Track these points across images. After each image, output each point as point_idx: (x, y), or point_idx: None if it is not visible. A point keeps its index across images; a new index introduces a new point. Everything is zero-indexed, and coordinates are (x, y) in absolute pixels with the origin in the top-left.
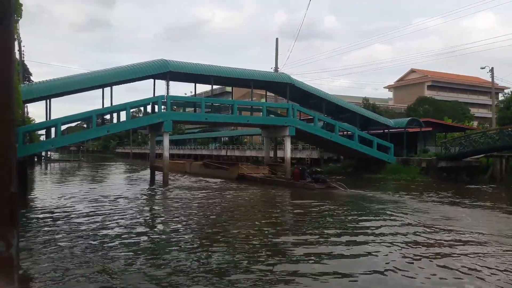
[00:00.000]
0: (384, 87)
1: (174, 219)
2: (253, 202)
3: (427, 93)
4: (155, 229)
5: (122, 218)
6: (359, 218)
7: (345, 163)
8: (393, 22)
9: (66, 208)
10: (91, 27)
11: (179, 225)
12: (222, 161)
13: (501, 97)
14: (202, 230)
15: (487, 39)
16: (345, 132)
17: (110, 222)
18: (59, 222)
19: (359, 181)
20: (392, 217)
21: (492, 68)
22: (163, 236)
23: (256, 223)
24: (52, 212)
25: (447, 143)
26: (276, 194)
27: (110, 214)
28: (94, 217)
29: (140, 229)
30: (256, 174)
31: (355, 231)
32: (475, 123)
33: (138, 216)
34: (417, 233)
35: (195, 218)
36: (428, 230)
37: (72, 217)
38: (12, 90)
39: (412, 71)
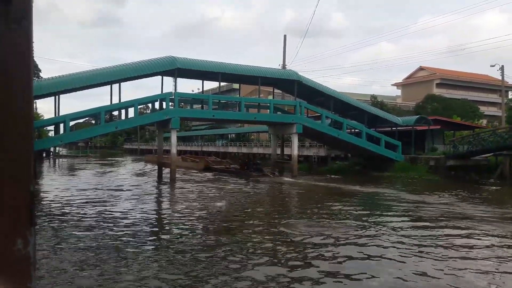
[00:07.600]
0: (392, 85)
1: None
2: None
3: (436, 91)
4: (165, 228)
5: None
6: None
7: (352, 161)
8: (400, 20)
9: (76, 205)
10: (100, 24)
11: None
12: (195, 155)
13: (511, 95)
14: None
15: (497, 37)
16: (352, 130)
17: (129, 217)
18: (67, 215)
19: (367, 178)
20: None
21: (503, 66)
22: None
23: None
24: (63, 205)
25: (455, 141)
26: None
27: (128, 210)
28: (109, 213)
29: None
30: (217, 166)
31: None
32: (484, 122)
33: (150, 217)
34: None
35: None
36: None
37: (81, 212)
38: (31, 92)
39: (421, 68)
